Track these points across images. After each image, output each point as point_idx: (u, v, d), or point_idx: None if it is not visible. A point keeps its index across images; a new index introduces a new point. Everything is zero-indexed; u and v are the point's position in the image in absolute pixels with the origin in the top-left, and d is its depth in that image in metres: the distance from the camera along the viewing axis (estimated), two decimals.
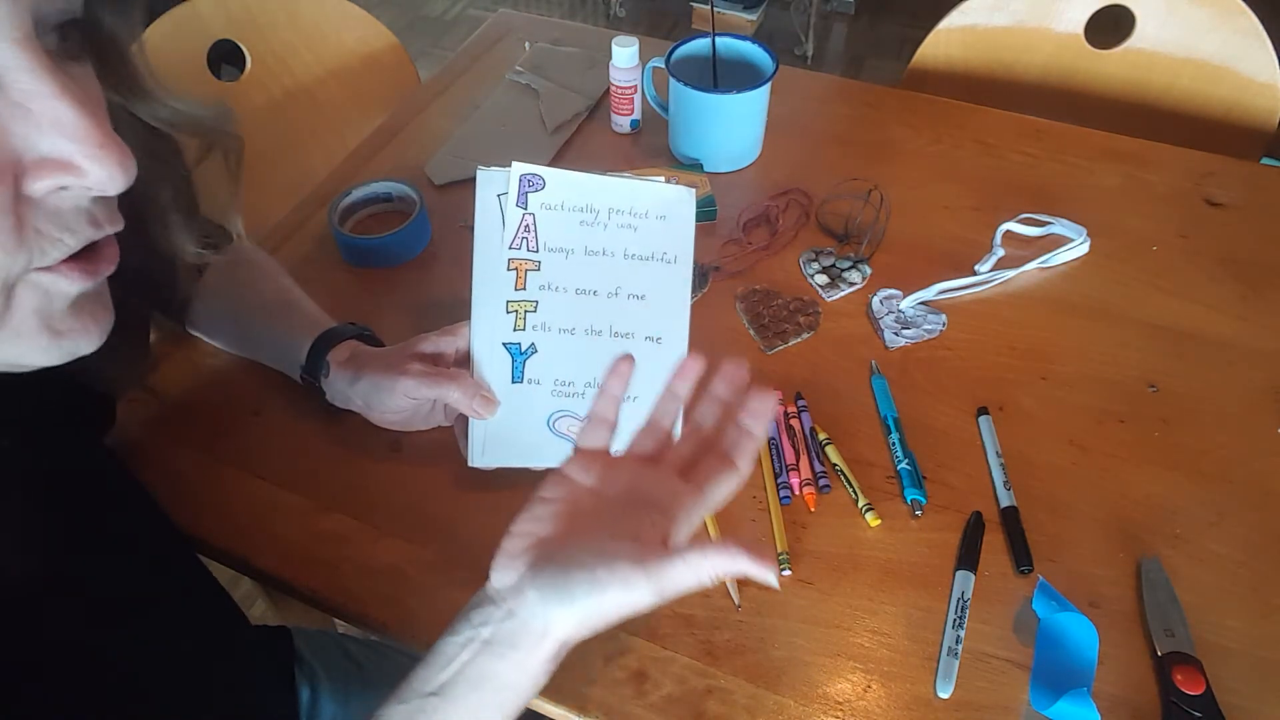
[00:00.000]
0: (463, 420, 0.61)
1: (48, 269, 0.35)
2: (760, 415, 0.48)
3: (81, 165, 0.33)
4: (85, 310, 0.37)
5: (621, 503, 0.47)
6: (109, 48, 0.41)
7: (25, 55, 0.32)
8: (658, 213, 0.59)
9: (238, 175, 0.53)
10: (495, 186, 0.58)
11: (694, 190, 0.59)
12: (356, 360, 0.63)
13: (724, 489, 0.47)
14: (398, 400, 0.60)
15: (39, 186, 0.33)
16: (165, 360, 0.72)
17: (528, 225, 0.58)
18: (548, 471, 0.49)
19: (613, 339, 0.60)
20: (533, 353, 0.60)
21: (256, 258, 0.72)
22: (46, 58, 0.32)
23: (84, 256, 0.36)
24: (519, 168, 0.58)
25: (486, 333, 0.59)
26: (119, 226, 0.38)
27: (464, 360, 0.61)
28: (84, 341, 0.38)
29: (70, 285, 0.36)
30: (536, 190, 0.58)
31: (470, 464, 0.61)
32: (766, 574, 0.42)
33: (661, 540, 0.44)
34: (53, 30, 0.34)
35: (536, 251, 0.58)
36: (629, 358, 0.52)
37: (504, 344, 0.59)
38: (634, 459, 0.50)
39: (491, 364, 0.59)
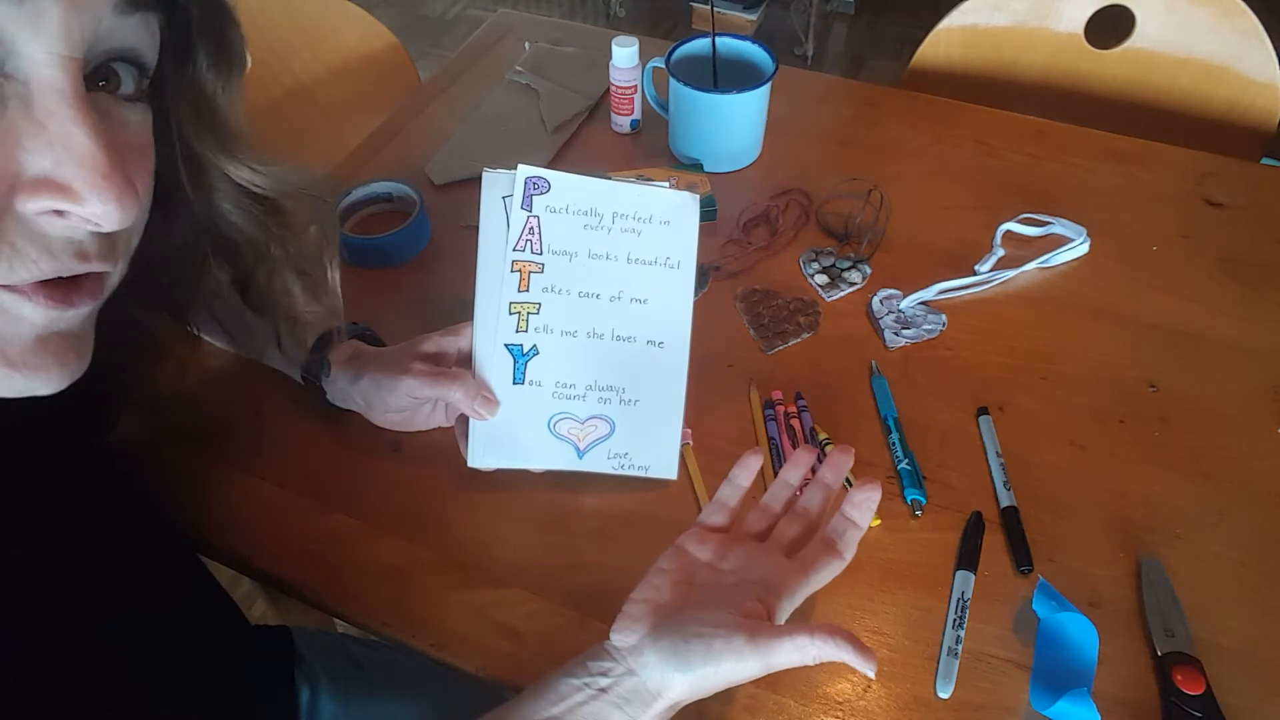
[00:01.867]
0: (463, 420, 0.61)
1: (10, 288, 0.33)
2: (865, 507, 0.53)
3: (80, 192, 0.32)
4: (50, 348, 0.35)
5: (733, 577, 0.51)
6: (197, 100, 0.41)
7: (61, 75, 0.32)
8: (662, 218, 0.59)
9: (333, 240, 0.54)
10: (501, 188, 0.58)
11: (698, 197, 0.60)
12: (358, 360, 0.63)
13: (827, 573, 0.51)
14: (399, 399, 0.60)
15: (31, 205, 0.32)
16: (165, 360, 0.72)
17: (532, 227, 0.58)
18: (670, 548, 0.53)
19: (615, 342, 0.60)
20: (534, 354, 0.60)
21: None
22: (80, 83, 0.32)
23: (58, 285, 0.34)
24: (524, 170, 0.58)
25: (489, 333, 0.60)
26: (111, 267, 0.36)
27: (466, 360, 0.61)
28: (40, 381, 0.35)
29: (34, 312, 0.34)
30: (542, 193, 0.58)
31: (470, 464, 0.61)
32: (867, 667, 0.45)
33: (767, 615, 0.48)
34: (108, 62, 0.34)
35: (540, 254, 0.58)
36: (804, 459, 0.58)
37: (506, 345, 0.59)
38: (746, 536, 0.54)
39: (493, 365, 0.59)
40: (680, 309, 0.60)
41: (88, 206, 0.32)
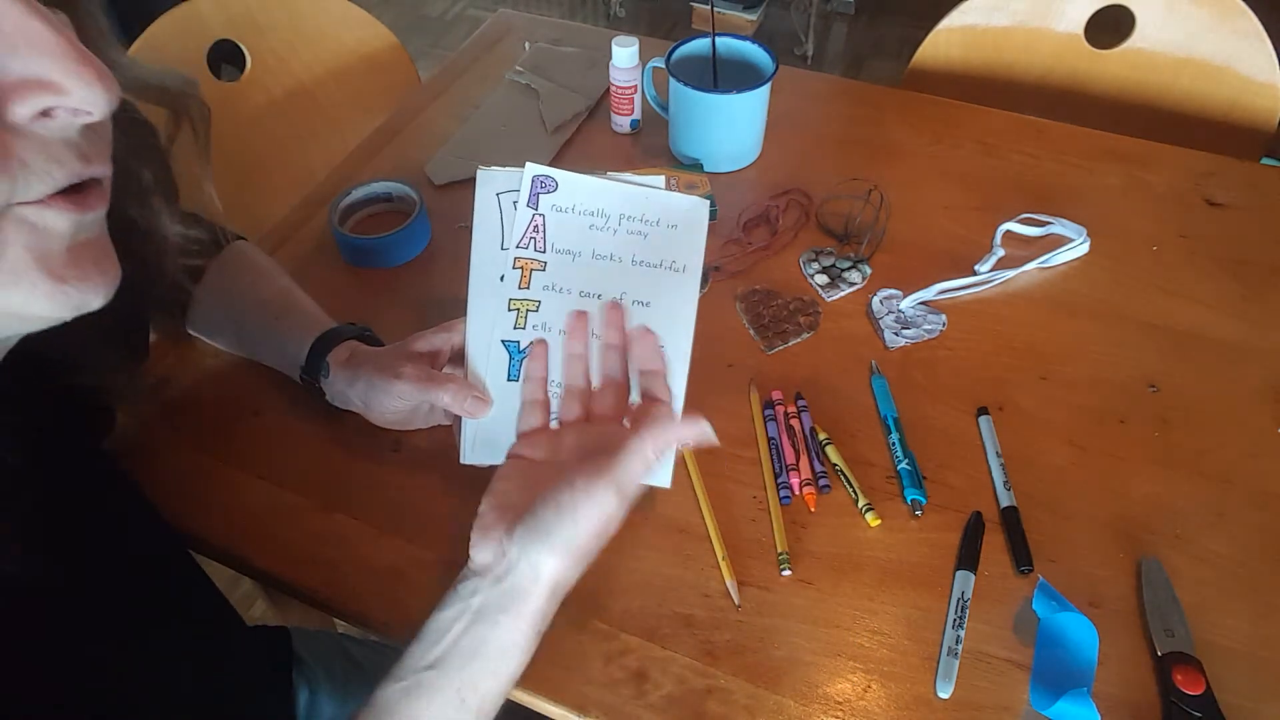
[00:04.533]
0: (460, 419, 0.61)
1: (34, 203, 0.33)
2: (649, 353, 0.55)
3: (61, 82, 0.31)
4: (86, 256, 0.35)
5: (571, 455, 0.53)
6: (77, 5, 0.40)
7: None
8: (669, 221, 0.58)
9: (206, 149, 0.52)
10: (494, 185, 0.58)
11: (708, 202, 0.59)
12: (354, 361, 0.63)
13: (660, 426, 0.50)
14: (393, 402, 0.60)
15: (22, 110, 0.31)
16: (165, 360, 0.73)
17: (537, 225, 0.58)
18: (504, 462, 0.54)
19: None
20: (531, 352, 0.59)
21: (256, 258, 0.72)
22: None
23: (72, 193, 0.34)
24: (532, 169, 0.57)
25: (482, 330, 0.59)
26: (108, 170, 0.36)
27: (460, 356, 0.61)
28: (90, 292, 0.35)
29: (60, 220, 0.34)
30: (549, 192, 0.58)
31: (462, 461, 0.60)
32: (701, 430, 0.47)
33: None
34: None
35: (544, 252, 0.58)
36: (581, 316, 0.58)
37: (503, 341, 0.59)
38: (572, 424, 0.55)
39: (488, 361, 0.59)
40: (683, 313, 0.59)
41: (75, 94, 0.32)
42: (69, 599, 0.46)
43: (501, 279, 0.58)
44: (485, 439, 0.59)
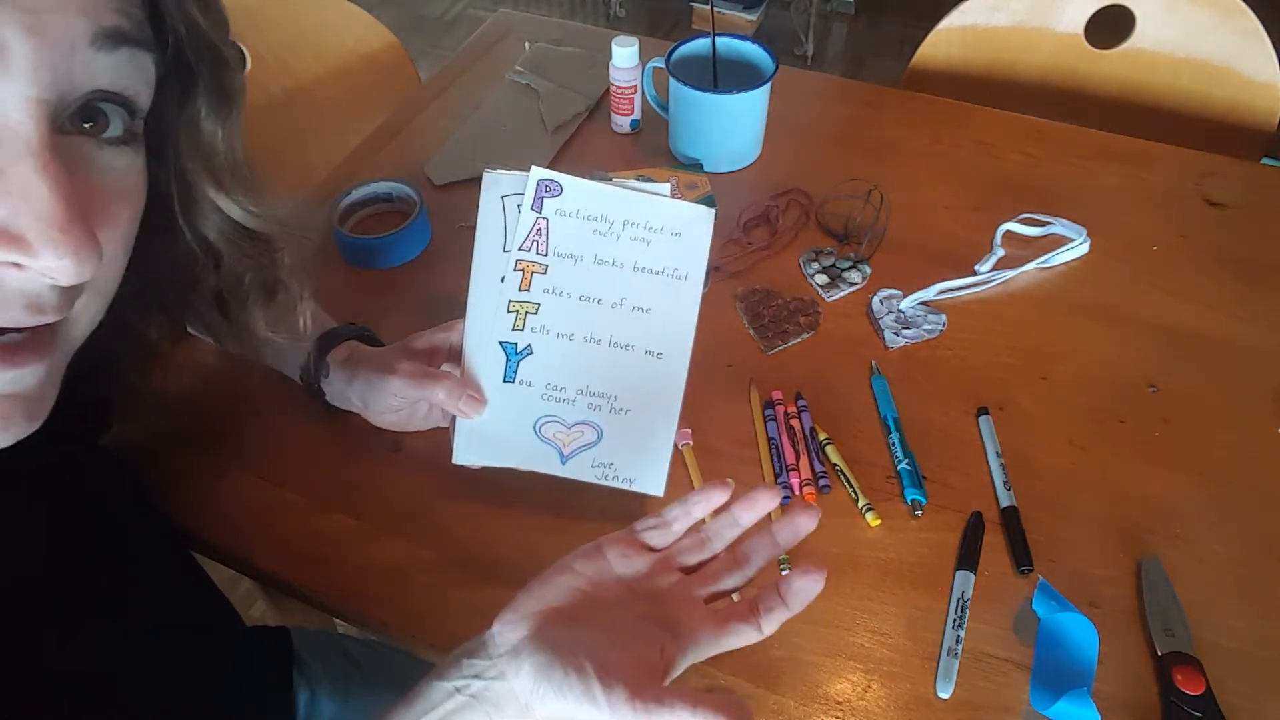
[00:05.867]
0: (454, 418, 0.61)
1: None
2: (802, 595, 0.46)
3: (33, 244, 0.30)
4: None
5: (641, 608, 0.46)
6: (195, 138, 0.41)
7: (28, 121, 0.30)
8: (673, 229, 0.58)
9: (306, 267, 0.54)
10: (500, 188, 0.58)
11: (713, 211, 0.59)
12: (353, 360, 0.63)
13: (740, 641, 0.45)
14: (389, 400, 0.60)
15: None
16: (165, 360, 0.72)
17: (540, 229, 0.58)
18: (590, 545, 0.48)
19: (611, 349, 0.59)
20: (528, 354, 0.59)
21: None
22: (47, 129, 0.31)
23: (3, 346, 0.33)
24: (537, 173, 0.58)
25: (481, 330, 0.59)
26: (65, 315, 0.35)
27: (458, 356, 0.61)
28: None
29: None
30: (553, 196, 0.58)
31: (454, 460, 0.60)
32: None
33: (664, 669, 0.43)
34: (93, 102, 0.33)
35: (545, 255, 0.58)
36: (726, 488, 0.50)
37: (500, 342, 0.59)
38: (673, 567, 0.49)
39: (484, 362, 0.59)
40: (684, 321, 0.58)
41: (41, 260, 0.31)
42: (67, 598, 0.46)
43: (502, 280, 0.58)
44: (479, 439, 0.59)
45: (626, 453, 0.59)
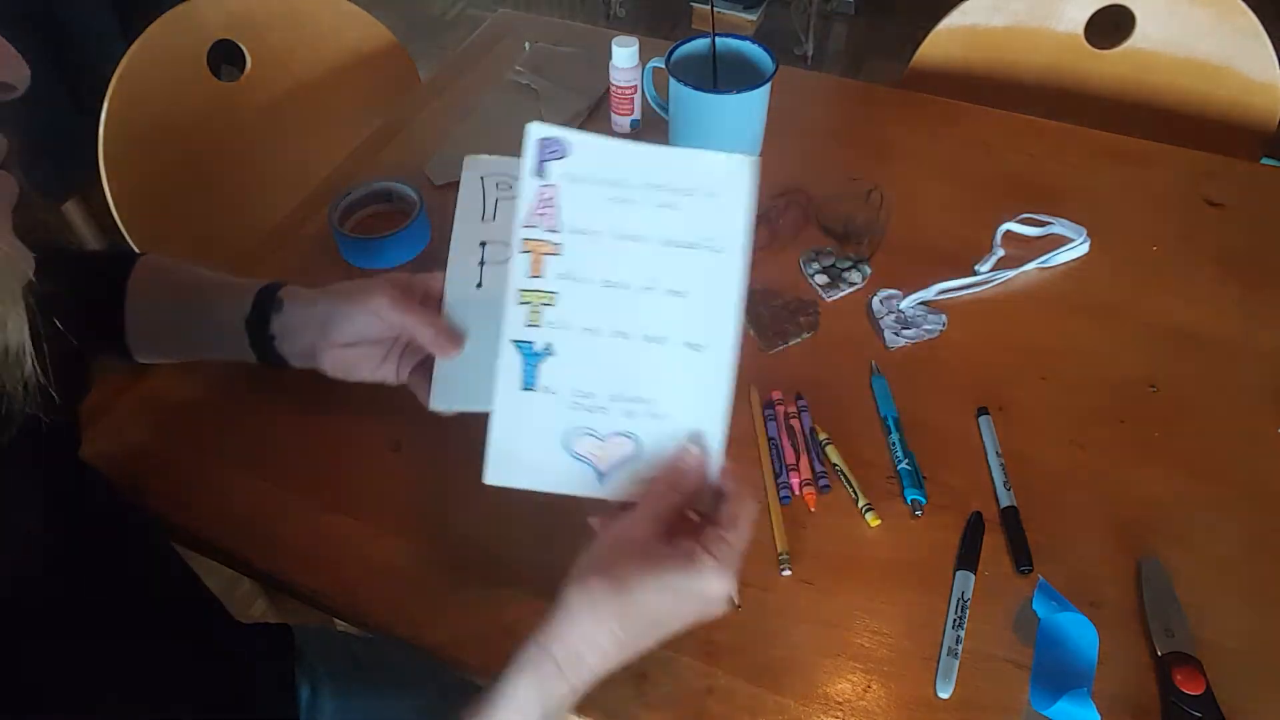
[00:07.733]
0: (420, 371, 0.58)
1: None
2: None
3: None
4: None
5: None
6: None
7: None
8: (707, 189, 0.48)
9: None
10: (480, 169, 0.55)
11: (755, 160, 0.49)
12: (315, 292, 0.60)
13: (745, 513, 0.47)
14: (361, 322, 0.57)
15: None
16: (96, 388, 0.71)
17: (547, 199, 0.48)
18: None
19: (643, 344, 0.49)
20: (548, 355, 0.50)
21: (164, 262, 0.68)
22: None
23: None
24: (536, 129, 0.49)
25: (460, 286, 0.55)
26: None
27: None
28: None
29: None
30: (558, 158, 0.48)
31: (430, 408, 0.56)
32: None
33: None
34: None
35: (557, 231, 0.48)
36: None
37: (515, 341, 0.49)
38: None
39: (497, 367, 0.50)
40: (726, 305, 0.48)
41: None
42: (66, 599, 0.46)
43: (482, 245, 0.54)
44: (507, 458, 0.51)
45: None
